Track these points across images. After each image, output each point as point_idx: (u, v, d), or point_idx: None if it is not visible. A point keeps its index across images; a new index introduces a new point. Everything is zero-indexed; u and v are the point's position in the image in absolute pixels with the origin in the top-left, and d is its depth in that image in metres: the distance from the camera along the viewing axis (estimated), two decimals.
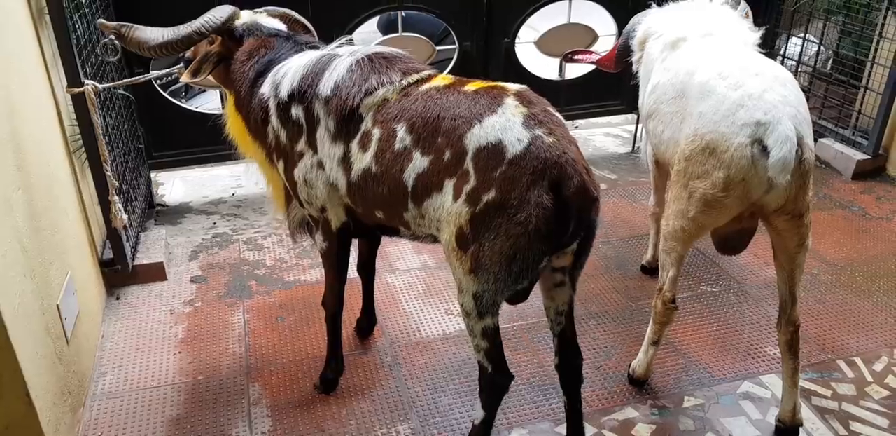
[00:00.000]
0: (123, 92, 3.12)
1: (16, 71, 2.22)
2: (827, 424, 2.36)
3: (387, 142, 1.90)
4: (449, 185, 1.80)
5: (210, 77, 2.30)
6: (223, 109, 2.43)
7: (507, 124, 1.75)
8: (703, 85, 2.13)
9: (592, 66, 3.83)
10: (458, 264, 1.83)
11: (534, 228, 1.70)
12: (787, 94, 2.03)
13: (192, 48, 2.29)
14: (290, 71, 2.07)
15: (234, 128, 2.32)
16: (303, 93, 2.03)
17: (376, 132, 1.93)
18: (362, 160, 1.95)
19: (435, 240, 1.98)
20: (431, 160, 1.82)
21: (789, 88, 2.05)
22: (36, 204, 2.17)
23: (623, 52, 2.84)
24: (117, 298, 2.98)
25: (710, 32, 2.41)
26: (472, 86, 1.89)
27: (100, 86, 2.62)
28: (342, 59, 2.04)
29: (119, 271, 2.95)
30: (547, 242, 1.75)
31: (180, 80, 2.29)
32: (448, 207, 1.80)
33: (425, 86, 1.94)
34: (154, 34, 2.16)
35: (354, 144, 1.97)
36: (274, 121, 2.12)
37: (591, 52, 3.41)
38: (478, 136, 1.76)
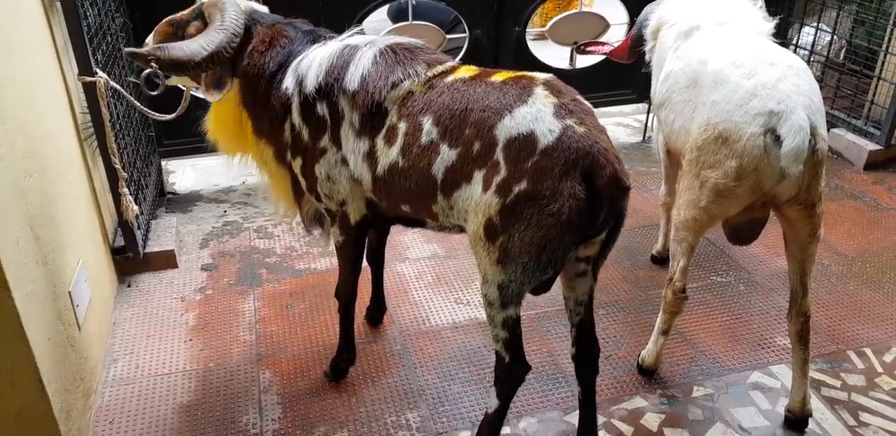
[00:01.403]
0: (134, 80, 3.12)
1: (28, 58, 2.22)
2: (836, 414, 2.35)
3: (413, 136, 1.87)
4: (478, 176, 1.78)
5: (188, 79, 2.14)
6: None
7: (538, 115, 1.73)
8: (717, 74, 2.12)
9: (604, 57, 3.81)
10: (484, 254, 1.82)
11: (566, 218, 1.69)
12: (801, 83, 2.01)
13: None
14: (313, 63, 1.99)
15: (220, 123, 2.17)
16: (329, 86, 1.97)
17: (402, 126, 1.90)
18: (388, 155, 1.92)
19: (462, 230, 1.97)
20: (460, 152, 1.80)
21: (803, 78, 2.04)
22: (48, 191, 2.18)
23: (636, 42, 2.82)
24: (129, 286, 3.00)
25: (725, 21, 2.39)
26: (499, 76, 1.86)
27: (112, 83, 2.62)
28: (364, 50, 1.98)
29: (130, 259, 2.97)
30: (578, 232, 1.75)
31: (208, 99, 2.07)
32: (476, 198, 1.78)
33: (450, 78, 1.91)
34: (194, 48, 1.96)
35: (380, 139, 1.94)
36: (295, 117, 2.05)
37: (604, 44, 3.39)
38: (508, 127, 1.74)
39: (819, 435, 2.28)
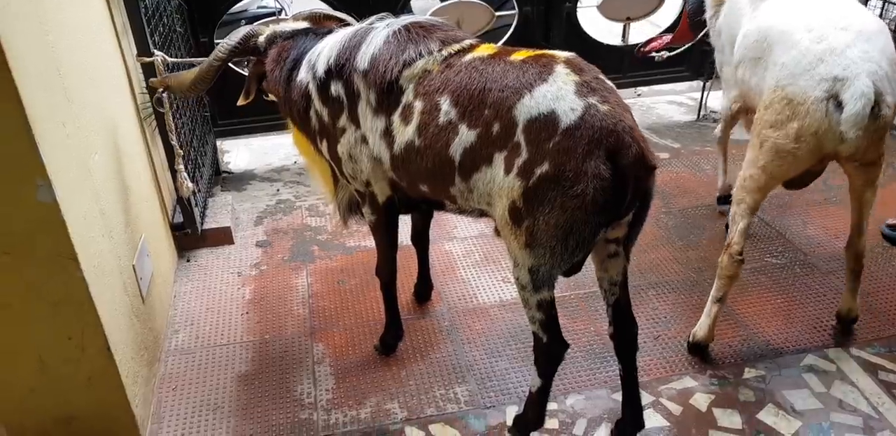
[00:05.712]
0: (190, 60, 3.19)
1: (90, 40, 2.30)
2: (894, 399, 2.30)
3: (430, 115, 1.86)
4: (499, 158, 1.76)
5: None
6: None
7: (558, 93, 1.69)
8: (790, 36, 2.17)
9: (661, 39, 3.72)
10: (512, 238, 1.81)
11: (591, 200, 1.66)
12: (870, 48, 2.04)
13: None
14: (324, 50, 2.05)
15: (300, 143, 2.33)
16: (340, 67, 2.00)
17: (418, 105, 1.88)
18: (405, 133, 1.91)
19: (482, 214, 1.96)
20: (479, 133, 1.78)
21: (874, 43, 2.06)
22: (111, 169, 2.27)
23: (696, 12, 2.80)
24: (188, 261, 3.10)
25: None
26: (519, 55, 1.82)
27: (169, 59, 2.69)
28: (378, 31, 1.99)
29: (189, 235, 3.07)
30: (604, 214, 1.72)
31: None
32: (499, 181, 1.76)
33: (469, 56, 1.88)
34: (188, 75, 2.26)
35: (396, 117, 1.94)
36: (316, 102, 2.10)
37: (660, 37, 3.38)
38: (528, 106, 1.70)
39: (876, 419, 2.23)
